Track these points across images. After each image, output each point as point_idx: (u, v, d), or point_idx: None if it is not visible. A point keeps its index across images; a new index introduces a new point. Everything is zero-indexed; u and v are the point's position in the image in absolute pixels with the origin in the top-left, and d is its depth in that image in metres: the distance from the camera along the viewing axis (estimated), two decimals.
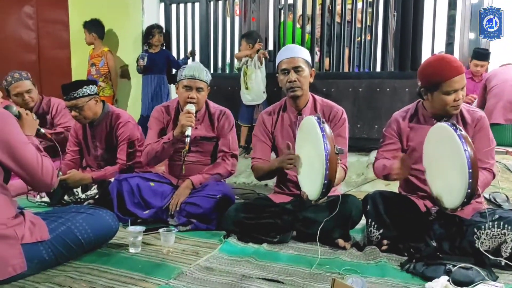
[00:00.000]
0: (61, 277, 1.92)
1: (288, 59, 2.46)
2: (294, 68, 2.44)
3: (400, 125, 2.39)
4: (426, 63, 2.25)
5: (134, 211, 2.61)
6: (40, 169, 1.92)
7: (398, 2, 4.40)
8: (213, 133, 2.85)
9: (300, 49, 2.54)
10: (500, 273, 1.93)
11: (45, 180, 1.95)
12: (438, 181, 2.07)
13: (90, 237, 2.12)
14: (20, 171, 1.90)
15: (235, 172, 2.91)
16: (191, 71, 2.69)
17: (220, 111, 2.87)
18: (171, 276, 1.93)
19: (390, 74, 4.52)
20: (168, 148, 2.70)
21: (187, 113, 2.61)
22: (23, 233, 1.87)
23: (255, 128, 2.70)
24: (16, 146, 1.87)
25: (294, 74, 2.44)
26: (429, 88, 2.19)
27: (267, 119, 2.65)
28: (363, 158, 4.25)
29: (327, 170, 1.97)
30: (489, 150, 2.23)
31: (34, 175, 1.92)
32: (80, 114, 3.02)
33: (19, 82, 3.56)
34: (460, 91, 2.14)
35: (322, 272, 1.97)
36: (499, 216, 2.06)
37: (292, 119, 2.58)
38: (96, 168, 3.24)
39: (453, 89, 2.13)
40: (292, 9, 5.26)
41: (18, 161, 1.87)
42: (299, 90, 2.48)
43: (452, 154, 1.89)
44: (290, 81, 2.45)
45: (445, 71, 2.13)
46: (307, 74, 2.48)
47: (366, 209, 2.33)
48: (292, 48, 2.54)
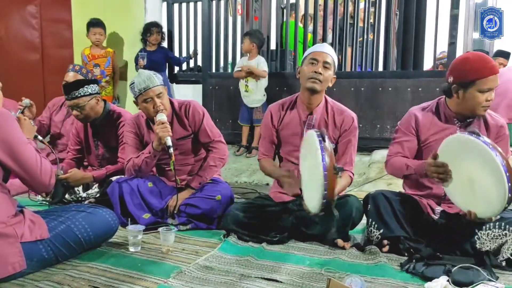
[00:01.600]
0: (61, 276, 1.92)
1: (320, 52, 2.45)
2: (324, 62, 2.42)
3: (419, 120, 2.33)
4: (463, 59, 2.20)
5: (134, 213, 2.60)
6: (39, 169, 1.91)
7: (401, 2, 4.39)
8: (188, 130, 2.78)
9: (333, 51, 2.54)
10: (501, 273, 1.92)
11: (43, 180, 1.95)
12: (467, 194, 1.99)
13: (89, 236, 2.12)
14: (19, 170, 1.89)
15: (227, 156, 2.83)
16: (143, 83, 2.59)
17: (185, 106, 2.79)
18: (170, 275, 1.93)
19: (393, 73, 4.51)
20: (151, 161, 2.66)
21: (161, 123, 2.54)
22: (23, 231, 1.87)
23: (263, 119, 2.69)
24: (16, 145, 1.87)
25: (321, 67, 2.42)
26: (463, 85, 2.13)
27: (275, 115, 2.61)
28: (365, 157, 4.24)
29: (325, 190, 1.92)
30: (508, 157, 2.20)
31: (33, 175, 1.92)
32: (82, 113, 3.02)
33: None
34: (492, 91, 2.12)
35: (321, 272, 1.97)
36: (500, 216, 2.04)
37: (302, 117, 2.54)
38: (97, 167, 3.25)
39: (489, 87, 2.10)
40: (294, 8, 5.26)
41: (18, 160, 1.87)
42: (319, 84, 2.43)
43: (482, 163, 1.84)
44: (315, 71, 2.42)
45: (483, 68, 2.10)
46: (330, 74, 2.46)
47: (366, 208, 2.32)
48: (327, 46, 2.53)
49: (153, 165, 2.74)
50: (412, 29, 4.33)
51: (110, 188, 2.69)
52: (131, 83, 2.66)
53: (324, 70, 2.42)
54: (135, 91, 2.63)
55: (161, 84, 2.66)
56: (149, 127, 2.78)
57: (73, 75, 3.58)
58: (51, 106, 3.86)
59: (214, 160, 2.76)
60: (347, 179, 2.44)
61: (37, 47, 6.00)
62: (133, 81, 2.64)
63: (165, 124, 2.54)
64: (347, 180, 2.45)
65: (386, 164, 2.43)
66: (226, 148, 2.84)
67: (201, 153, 2.88)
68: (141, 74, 2.62)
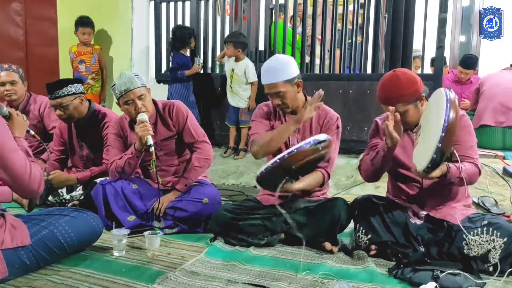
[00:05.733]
0: (42, 281, 1.87)
1: (267, 85, 2.39)
2: (275, 93, 2.38)
3: (379, 126, 2.38)
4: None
5: (119, 216, 2.55)
6: (27, 177, 1.81)
7: (389, 4, 4.39)
8: (173, 131, 2.75)
9: (279, 70, 2.37)
10: (488, 279, 1.92)
11: (31, 188, 1.85)
12: (420, 146, 2.06)
13: (73, 241, 2.08)
14: (6, 178, 1.80)
15: (211, 156, 2.79)
16: (123, 85, 2.55)
17: (169, 107, 2.75)
18: (155, 280, 1.89)
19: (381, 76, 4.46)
20: (133, 162, 2.62)
21: (141, 123, 2.52)
22: (3, 238, 1.82)
23: (254, 114, 2.63)
24: (5, 153, 1.77)
25: (277, 99, 2.39)
26: None
27: (267, 112, 2.59)
28: (352, 160, 4.24)
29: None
30: (473, 146, 2.21)
31: (20, 182, 1.82)
32: (65, 113, 2.96)
33: (5, 71, 3.52)
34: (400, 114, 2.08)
35: (309, 277, 1.95)
36: (488, 221, 2.05)
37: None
38: (82, 168, 3.19)
39: (388, 111, 2.11)
40: (283, 9, 5.23)
41: (5, 167, 1.77)
42: (287, 108, 2.44)
43: (436, 117, 1.88)
44: (277, 104, 2.43)
45: (380, 95, 2.24)
46: (291, 93, 2.39)
47: (354, 213, 2.31)
48: (271, 72, 2.38)
49: (137, 166, 2.70)
50: (400, 32, 4.33)
51: (94, 190, 2.65)
52: (112, 84, 2.62)
53: (282, 98, 2.38)
54: (116, 93, 2.59)
55: (143, 86, 2.62)
56: (132, 129, 2.74)
57: (5, 74, 3.50)
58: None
59: (198, 161, 2.72)
60: (317, 177, 2.39)
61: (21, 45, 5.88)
62: (114, 82, 2.61)
63: (145, 123, 2.51)
64: (316, 179, 2.39)
65: (360, 171, 2.44)
66: (211, 148, 2.81)
67: (185, 154, 2.85)
68: (122, 75, 2.58)
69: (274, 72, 2.37)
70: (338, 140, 2.53)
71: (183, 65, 4.71)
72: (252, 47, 4.82)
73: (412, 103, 2.15)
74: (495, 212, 2.78)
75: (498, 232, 1.97)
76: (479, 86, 4.34)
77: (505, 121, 4.03)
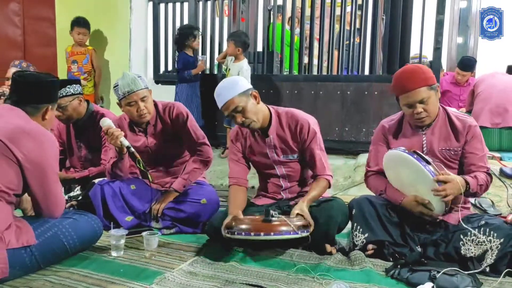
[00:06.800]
0: (40, 282, 1.88)
1: (224, 106, 2.28)
2: (234, 110, 2.28)
3: (387, 130, 2.39)
4: (394, 74, 2.27)
5: (117, 216, 2.55)
6: (55, 199, 2.04)
7: (387, 6, 4.41)
8: (173, 133, 2.75)
9: (229, 88, 2.29)
10: (485, 279, 1.93)
11: (53, 210, 2.05)
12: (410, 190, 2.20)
13: (75, 243, 2.10)
14: (40, 194, 1.98)
15: (211, 158, 2.78)
16: (126, 87, 2.53)
17: (169, 108, 2.74)
18: (153, 281, 1.90)
19: (378, 77, 4.53)
20: (120, 164, 2.61)
21: (107, 131, 2.49)
22: (10, 238, 1.84)
23: (229, 148, 2.59)
24: (49, 172, 1.99)
25: (239, 116, 2.29)
26: (397, 99, 2.25)
27: (237, 144, 2.52)
28: (350, 161, 4.25)
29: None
30: (483, 156, 2.23)
31: (49, 201, 2.02)
32: (64, 114, 2.95)
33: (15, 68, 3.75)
34: (418, 104, 2.14)
35: (306, 278, 1.95)
36: (485, 222, 2.06)
37: (260, 142, 2.45)
38: (80, 169, 3.18)
39: (407, 103, 2.17)
40: (281, 10, 5.25)
41: (43, 185, 1.97)
42: (253, 123, 2.32)
43: (417, 177, 2.12)
44: (239, 124, 2.33)
45: (399, 85, 2.19)
46: (250, 107, 2.29)
47: (351, 213, 2.32)
48: (222, 91, 2.30)
49: (126, 167, 2.68)
50: (398, 34, 4.35)
51: (92, 191, 2.65)
52: (115, 85, 2.60)
53: (243, 113, 2.28)
54: (118, 93, 2.58)
55: (146, 87, 2.61)
56: (131, 130, 2.74)
57: (14, 70, 3.59)
58: None
59: (198, 163, 2.72)
60: (323, 184, 2.36)
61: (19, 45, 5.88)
62: (116, 83, 2.58)
63: (111, 129, 2.49)
64: (323, 185, 2.36)
65: (366, 179, 2.48)
66: (211, 150, 2.81)
67: (185, 155, 2.85)
68: (125, 76, 2.57)
69: (225, 90, 2.29)
70: (321, 142, 2.42)
71: (188, 65, 4.68)
72: (250, 48, 4.83)
73: (434, 88, 2.17)
74: (492, 213, 2.79)
75: (495, 232, 1.98)
76: (474, 88, 4.36)
77: (501, 122, 4.05)
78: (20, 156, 1.85)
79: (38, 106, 2.03)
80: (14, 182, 1.88)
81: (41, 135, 1.95)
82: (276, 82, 4.77)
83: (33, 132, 1.92)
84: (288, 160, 2.44)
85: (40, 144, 1.91)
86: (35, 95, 2.02)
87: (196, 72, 4.67)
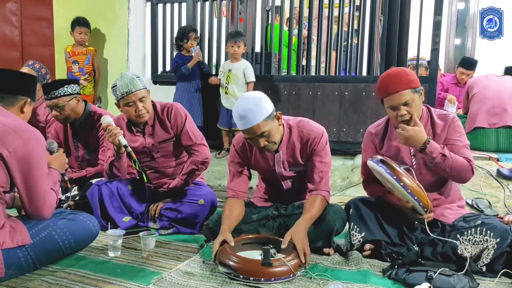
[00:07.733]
0: (37, 282, 1.87)
1: (248, 130, 2.14)
2: (258, 136, 2.16)
3: (374, 135, 2.40)
4: (380, 77, 2.28)
5: (114, 217, 2.55)
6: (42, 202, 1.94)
7: (385, 7, 4.41)
8: (171, 133, 2.74)
9: (255, 110, 2.11)
10: (481, 279, 1.93)
11: (41, 212, 1.96)
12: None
13: (70, 243, 2.09)
14: (25, 193, 1.91)
15: (209, 159, 2.77)
16: (125, 87, 2.52)
17: (167, 109, 2.74)
18: (151, 281, 1.90)
19: (376, 78, 4.47)
20: (118, 164, 2.62)
21: (107, 128, 2.51)
22: (4, 238, 1.83)
23: (229, 155, 2.50)
24: (34, 169, 1.90)
25: (262, 140, 2.17)
26: (381, 102, 2.26)
27: (242, 156, 2.43)
28: (348, 161, 4.25)
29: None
30: (466, 145, 2.23)
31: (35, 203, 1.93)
32: (61, 113, 2.96)
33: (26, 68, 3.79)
34: (402, 106, 2.14)
35: (303, 278, 1.95)
36: (481, 221, 2.07)
37: (268, 157, 2.38)
38: (77, 169, 3.18)
39: (391, 105, 2.17)
40: (279, 11, 5.25)
41: (27, 183, 1.89)
42: (274, 145, 2.26)
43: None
44: (260, 147, 2.24)
45: (383, 88, 2.20)
46: (274, 130, 2.19)
47: (348, 213, 2.32)
48: (248, 114, 2.10)
49: (124, 166, 2.68)
50: (395, 35, 4.35)
51: (89, 191, 2.65)
52: (113, 85, 2.59)
53: (268, 137, 2.18)
54: (117, 94, 2.57)
55: (144, 88, 2.61)
56: (129, 130, 2.74)
57: (26, 70, 3.57)
58: None
59: (196, 164, 2.72)
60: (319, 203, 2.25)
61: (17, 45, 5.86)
62: (115, 83, 2.58)
63: (110, 126, 2.51)
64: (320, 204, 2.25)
65: (364, 188, 2.50)
66: (209, 151, 2.81)
67: (183, 156, 2.85)
68: (124, 76, 2.56)
69: (250, 113, 2.10)
70: (327, 155, 2.36)
71: (182, 64, 4.68)
72: (248, 49, 4.82)
73: (418, 91, 2.17)
74: (489, 214, 2.80)
75: (491, 232, 1.99)
76: (468, 90, 4.36)
77: (499, 122, 4.05)
78: (5, 153, 1.81)
79: (16, 97, 2.00)
80: (3, 180, 1.84)
81: (27, 131, 1.90)
82: (274, 83, 4.77)
83: (18, 129, 1.88)
84: (294, 173, 2.43)
85: (25, 141, 1.86)
86: (12, 85, 2.00)
87: (192, 64, 4.66)
